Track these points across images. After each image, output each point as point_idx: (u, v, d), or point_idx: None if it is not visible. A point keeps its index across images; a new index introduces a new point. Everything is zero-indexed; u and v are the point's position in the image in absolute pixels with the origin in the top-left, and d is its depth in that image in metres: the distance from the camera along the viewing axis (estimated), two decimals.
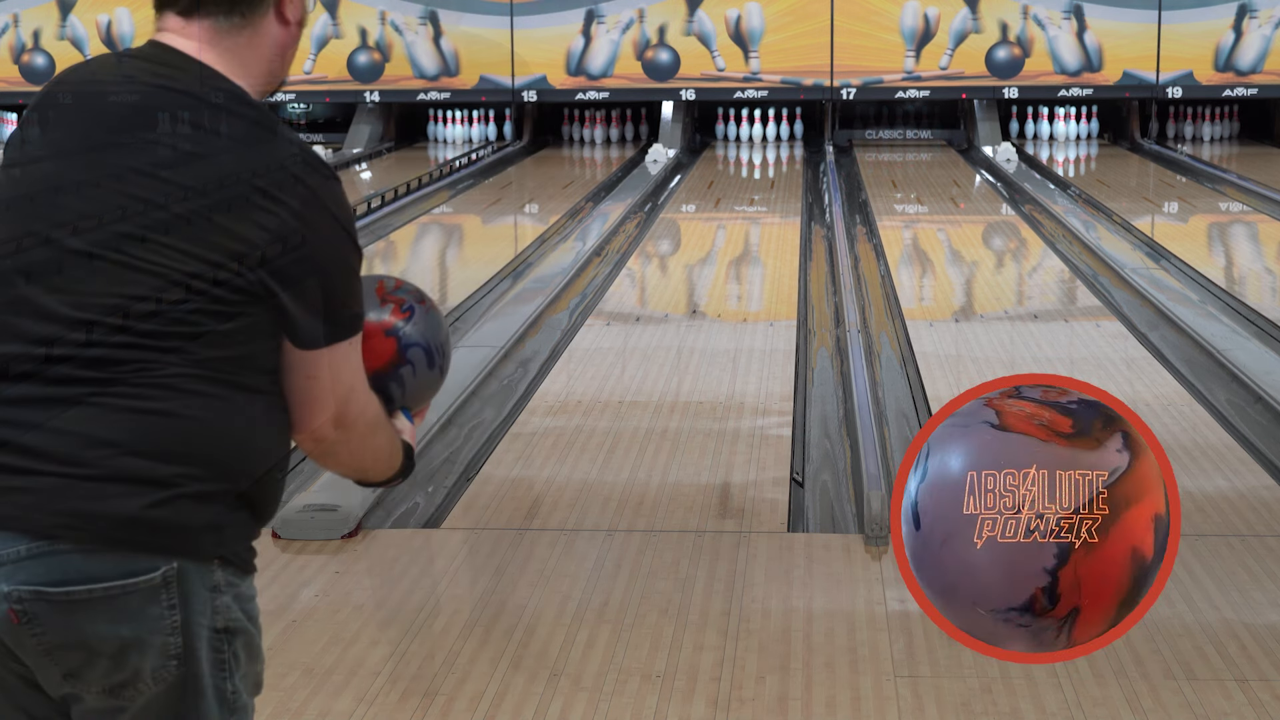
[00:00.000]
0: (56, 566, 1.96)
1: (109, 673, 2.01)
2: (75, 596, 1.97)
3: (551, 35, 17.46)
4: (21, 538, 1.97)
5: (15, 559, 1.97)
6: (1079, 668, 3.82)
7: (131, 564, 1.97)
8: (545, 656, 3.95)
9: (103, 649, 2.00)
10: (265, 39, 2.16)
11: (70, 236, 2.00)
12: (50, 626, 1.98)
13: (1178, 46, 17.37)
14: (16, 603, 1.97)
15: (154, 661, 2.01)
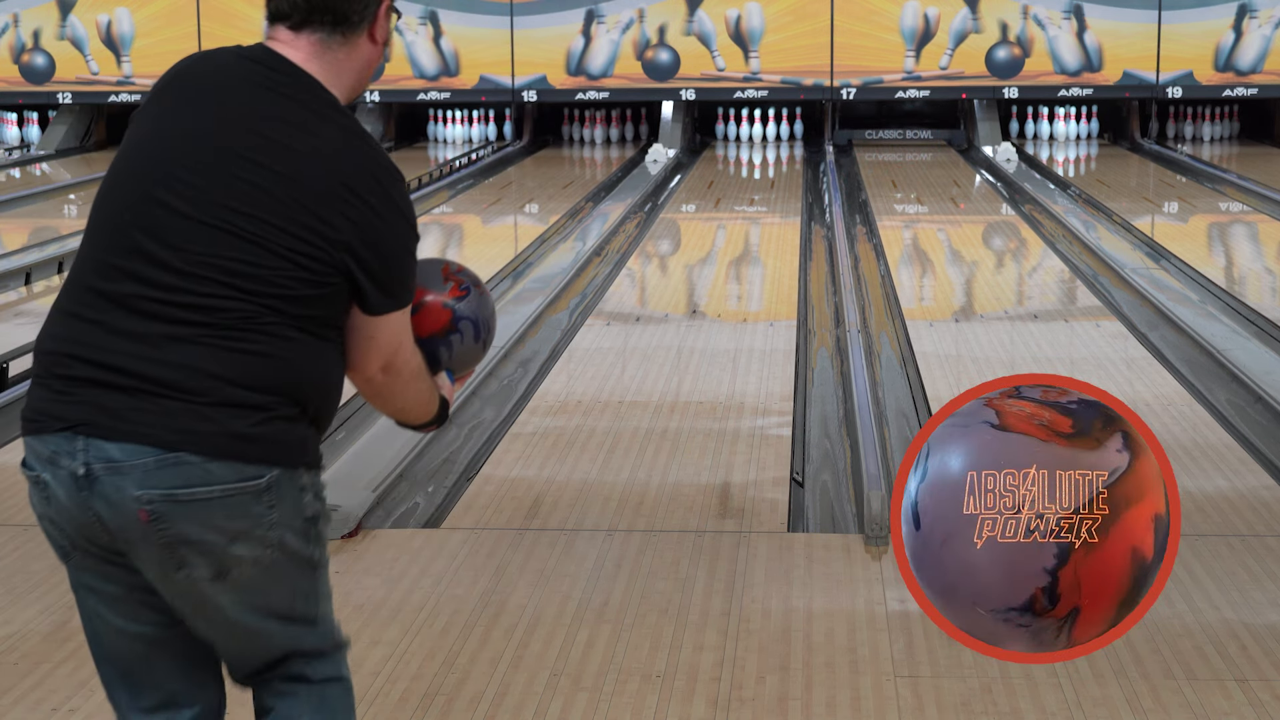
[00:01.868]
0: (181, 473, 2.39)
1: (218, 558, 2.43)
2: (198, 496, 2.40)
3: (551, 35, 17.47)
4: (151, 449, 2.39)
5: (145, 468, 2.39)
6: (1079, 668, 3.82)
7: (243, 470, 2.41)
8: (545, 656, 3.95)
9: (217, 539, 2.42)
10: (358, 55, 2.54)
11: (186, 205, 2.41)
12: (175, 522, 2.40)
13: (1178, 46, 17.37)
14: (147, 504, 2.40)
15: (255, 550, 2.45)
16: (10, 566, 4.64)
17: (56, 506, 2.48)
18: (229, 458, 2.40)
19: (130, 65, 18.03)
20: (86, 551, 2.50)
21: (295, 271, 2.41)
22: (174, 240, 2.41)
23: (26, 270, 9.81)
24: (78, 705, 3.70)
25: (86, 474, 2.42)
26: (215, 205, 2.41)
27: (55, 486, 2.46)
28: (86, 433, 2.41)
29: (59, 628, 4.16)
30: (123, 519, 2.42)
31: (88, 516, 2.45)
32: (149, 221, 2.42)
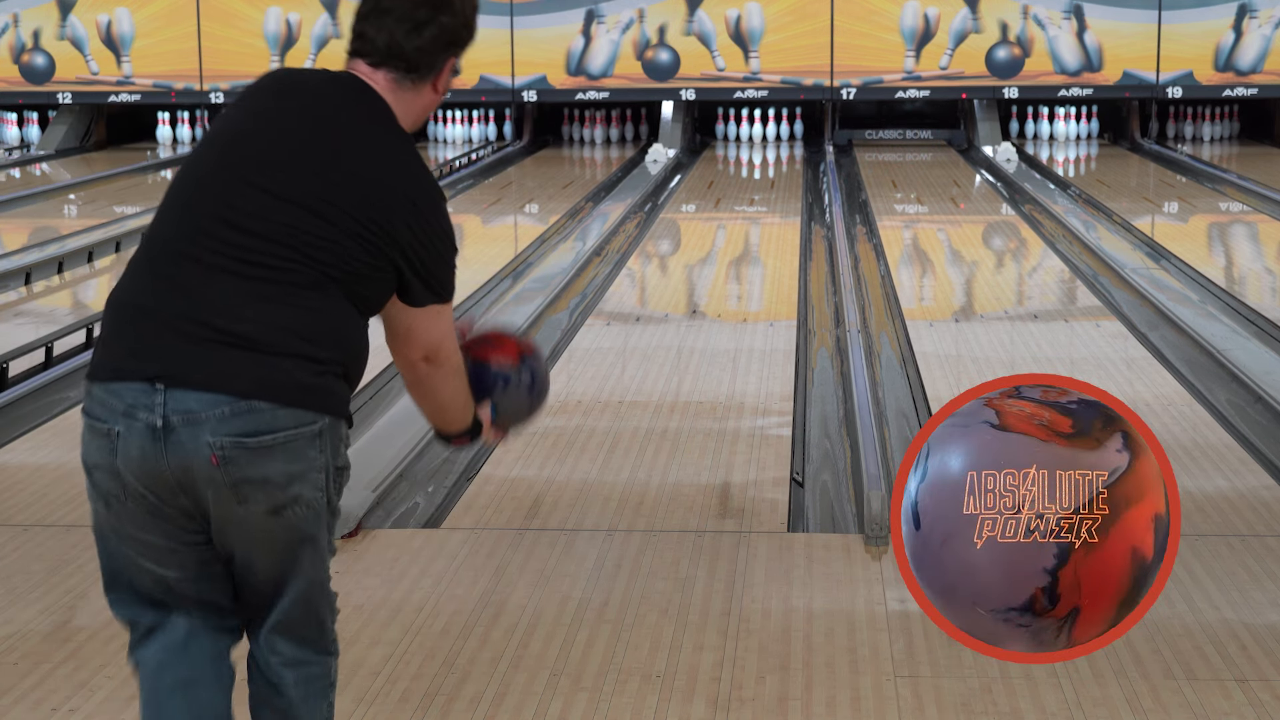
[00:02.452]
0: (252, 421, 2.67)
1: (275, 497, 2.72)
2: (265, 443, 2.68)
3: (551, 35, 17.47)
4: (227, 398, 2.66)
5: (220, 416, 2.66)
6: (1079, 668, 3.82)
7: (302, 417, 2.70)
8: (545, 656, 3.95)
9: (278, 480, 2.71)
10: (421, 100, 2.92)
11: (275, 186, 2.73)
12: (241, 466, 2.68)
13: (1178, 46, 17.37)
14: (219, 449, 2.67)
15: (309, 491, 2.75)
16: (10, 566, 4.64)
17: (124, 457, 2.69)
18: (294, 405, 2.70)
19: (130, 65, 18.03)
20: (138, 501, 2.74)
21: (359, 253, 2.74)
22: (260, 213, 2.72)
23: (26, 270, 9.81)
24: (78, 705, 3.70)
25: (165, 425, 2.67)
26: (300, 189, 2.73)
27: (129, 437, 2.68)
28: (166, 384, 2.66)
29: (59, 628, 4.16)
30: (194, 464, 2.68)
31: (159, 466, 2.69)
32: (240, 198, 2.72)
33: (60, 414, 6.47)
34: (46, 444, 6.05)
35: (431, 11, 2.87)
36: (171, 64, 17.95)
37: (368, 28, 2.86)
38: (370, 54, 2.86)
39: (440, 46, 2.90)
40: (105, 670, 3.88)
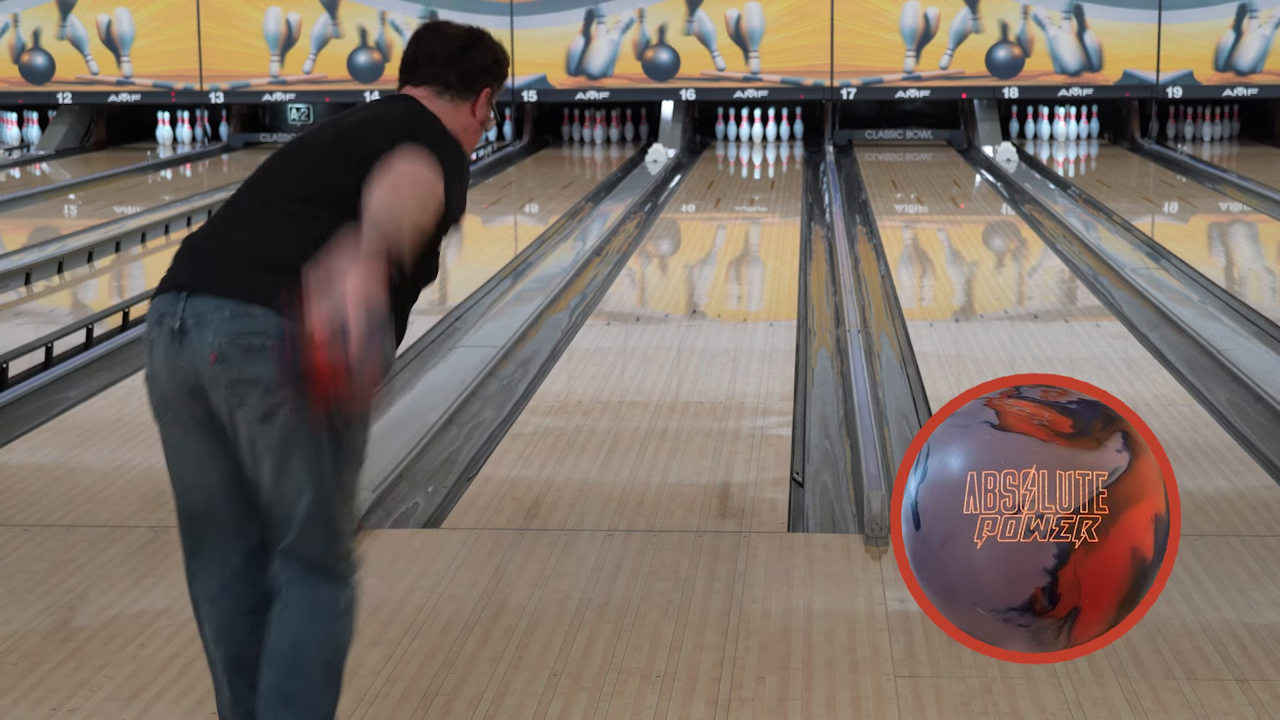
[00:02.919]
0: (248, 323, 2.97)
1: (266, 401, 2.97)
2: (255, 344, 2.97)
3: (551, 35, 17.47)
4: (230, 301, 2.99)
5: (222, 318, 2.99)
6: (1079, 668, 3.82)
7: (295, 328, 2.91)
8: (545, 656, 3.95)
9: (263, 383, 2.97)
10: (459, 117, 3.29)
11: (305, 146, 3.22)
12: (236, 365, 2.98)
13: (1178, 46, 17.37)
14: (217, 347, 2.98)
15: (295, 398, 2.93)
16: (10, 566, 4.64)
17: (156, 363, 3.07)
18: (282, 314, 2.97)
19: (130, 65, 18.03)
20: (176, 409, 3.08)
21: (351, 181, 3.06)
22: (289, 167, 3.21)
23: (26, 270, 9.81)
24: (78, 705, 3.70)
25: (180, 327, 3.03)
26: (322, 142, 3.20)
27: (157, 343, 3.06)
28: (188, 291, 3.04)
29: (59, 628, 4.17)
30: (200, 364, 3.01)
31: (177, 367, 3.04)
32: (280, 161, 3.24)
33: (60, 414, 6.47)
34: (46, 444, 6.05)
35: (467, 44, 3.32)
36: (171, 64, 17.95)
37: (416, 55, 3.35)
38: (414, 76, 3.33)
39: (475, 72, 3.30)
40: (105, 670, 3.88)
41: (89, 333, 7.66)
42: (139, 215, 12.63)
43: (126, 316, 8.11)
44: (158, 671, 3.87)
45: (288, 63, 17.90)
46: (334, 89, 17.90)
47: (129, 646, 4.02)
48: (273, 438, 2.99)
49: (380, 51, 17.79)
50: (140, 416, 6.45)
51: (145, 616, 4.23)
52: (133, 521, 5.05)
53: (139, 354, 7.53)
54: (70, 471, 5.66)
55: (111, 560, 4.67)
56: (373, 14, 17.76)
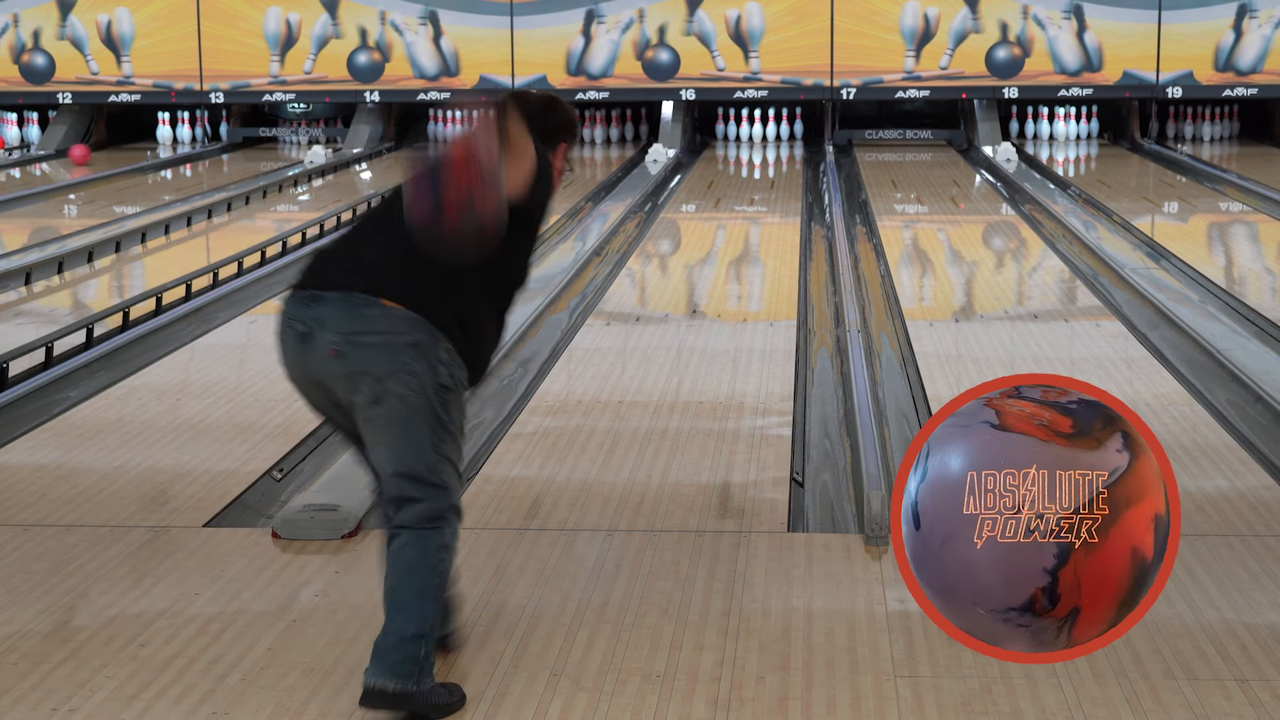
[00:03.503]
0: (361, 324, 3.56)
1: (377, 389, 3.56)
2: (369, 341, 3.56)
3: (551, 35, 17.47)
4: (346, 307, 3.57)
5: (339, 319, 3.57)
6: (1079, 668, 3.82)
7: (398, 327, 3.56)
8: (545, 656, 3.96)
9: (373, 373, 3.55)
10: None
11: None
12: (352, 359, 3.56)
13: (1178, 46, 17.37)
14: (335, 344, 3.57)
15: (401, 388, 3.56)
16: (10, 566, 4.64)
17: (287, 357, 3.68)
18: (395, 319, 3.55)
19: (130, 65, 18.03)
20: (306, 392, 3.70)
21: None
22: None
23: (26, 270, 9.81)
24: (78, 705, 3.70)
25: (307, 332, 3.61)
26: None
27: (286, 342, 3.65)
28: (311, 295, 3.63)
29: (59, 628, 4.17)
30: (321, 358, 3.59)
31: (304, 365, 3.64)
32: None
33: (60, 414, 6.47)
34: (46, 444, 6.05)
35: (550, 110, 3.87)
36: (171, 64, 17.95)
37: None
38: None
39: (554, 131, 3.85)
40: (105, 670, 3.88)
41: (89, 333, 7.66)
42: (139, 215, 12.63)
43: (126, 316, 8.11)
44: (158, 671, 3.87)
45: (288, 63, 17.90)
46: (334, 89, 17.90)
47: (129, 646, 4.02)
48: (383, 417, 3.57)
49: (380, 51, 17.79)
50: (140, 416, 6.45)
51: (145, 616, 4.23)
52: (133, 521, 5.05)
53: (139, 354, 7.56)
54: (70, 471, 5.66)
55: (111, 560, 4.67)
56: (373, 14, 17.76)
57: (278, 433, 6.16)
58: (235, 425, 6.29)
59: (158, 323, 8.15)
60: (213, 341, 8.00)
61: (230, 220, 12.75)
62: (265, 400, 6.68)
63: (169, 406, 6.60)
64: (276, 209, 13.48)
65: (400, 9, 17.71)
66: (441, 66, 17.68)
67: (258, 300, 9.08)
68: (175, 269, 9.83)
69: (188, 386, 7.03)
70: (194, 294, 8.94)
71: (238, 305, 8.87)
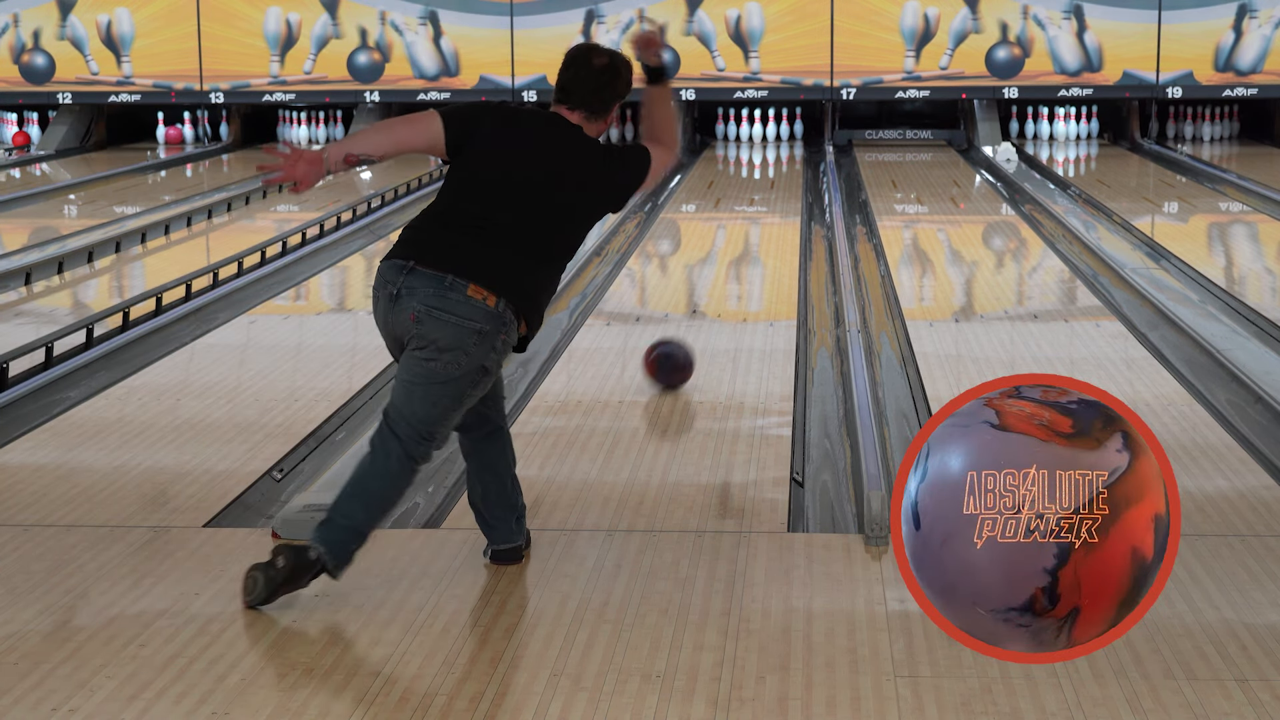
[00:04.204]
0: (443, 301, 4.21)
1: (430, 352, 4.23)
2: (442, 318, 4.20)
3: (551, 35, 17.47)
4: (434, 283, 4.22)
5: (425, 292, 4.21)
6: (1079, 668, 3.82)
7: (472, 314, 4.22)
8: (545, 656, 3.96)
9: (438, 343, 4.22)
10: (598, 128, 4.49)
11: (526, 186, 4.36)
12: (426, 326, 4.22)
13: (1178, 46, 17.37)
14: (416, 312, 4.21)
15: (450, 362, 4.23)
16: (10, 566, 4.64)
17: (379, 315, 4.29)
18: (472, 305, 4.20)
19: (130, 65, 18.03)
20: (389, 345, 4.34)
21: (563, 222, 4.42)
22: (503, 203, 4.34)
23: (26, 270, 9.81)
24: (78, 705, 3.70)
25: (397, 294, 4.23)
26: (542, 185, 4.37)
27: (381, 301, 4.26)
28: (410, 267, 4.24)
29: (59, 628, 4.17)
30: (403, 319, 4.23)
31: (390, 319, 4.26)
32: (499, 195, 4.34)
33: (60, 414, 6.47)
34: (46, 444, 6.05)
35: (610, 79, 4.47)
36: (171, 64, 17.96)
37: (569, 85, 4.44)
38: (570, 103, 4.44)
39: (611, 99, 4.49)
40: (105, 670, 3.88)
41: (89, 333, 7.66)
42: (139, 215, 12.63)
43: (126, 316, 8.11)
44: (158, 671, 3.87)
45: (288, 63, 17.90)
46: (334, 89, 17.90)
47: (129, 646, 4.02)
48: (426, 373, 4.24)
49: (380, 51, 17.79)
50: (140, 416, 6.45)
51: (145, 616, 4.23)
52: (133, 521, 5.05)
53: (139, 354, 7.56)
54: (70, 471, 5.66)
55: (111, 560, 4.67)
56: (373, 14, 17.76)
57: (278, 433, 6.16)
58: (235, 425, 6.29)
59: (158, 323, 8.15)
60: (213, 341, 8.00)
61: (230, 220, 12.75)
62: (265, 400, 6.69)
63: (169, 406, 6.60)
64: (276, 209, 13.48)
65: (400, 9, 17.71)
66: (441, 66, 17.68)
67: (258, 300, 9.08)
68: (175, 269, 9.83)
69: (188, 386, 7.03)
70: (194, 294, 8.94)
71: (238, 305, 8.87)
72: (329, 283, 10.03)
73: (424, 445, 4.31)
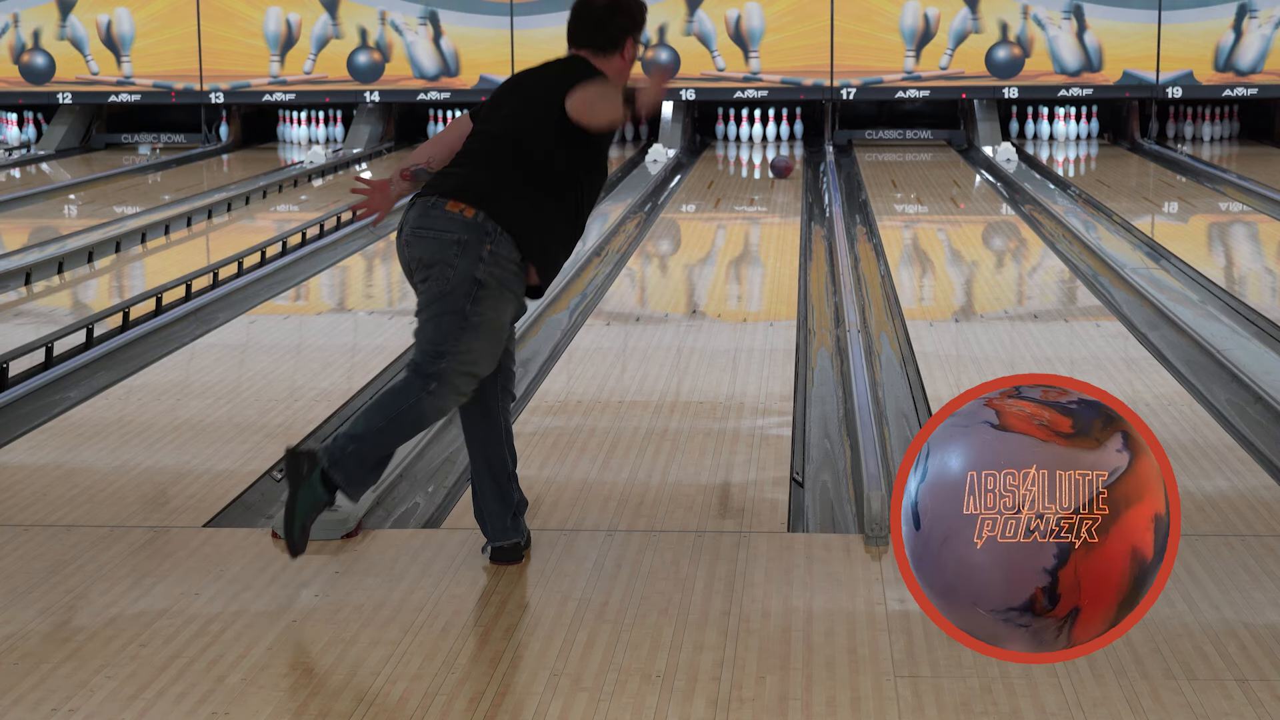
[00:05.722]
0: (425, 220, 4.38)
1: (423, 273, 4.40)
2: (421, 235, 4.39)
3: (551, 35, 17.46)
4: (421, 204, 4.42)
5: (415, 216, 4.41)
6: (1079, 668, 3.82)
7: (449, 227, 4.37)
8: (545, 656, 3.96)
9: (424, 260, 4.38)
10: (612, 65, 4.52)
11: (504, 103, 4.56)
12: (414, 248, 4.40)
13: (1178, 46, 17.37)
14: (406, 237, 4.41)
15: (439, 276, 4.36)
16: (10, 566, 4.65)
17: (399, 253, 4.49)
18: (450, 217, 4.35)
19: (130, 65, 18.03)
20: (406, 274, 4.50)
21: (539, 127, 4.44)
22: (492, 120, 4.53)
23: (26, 270, 9.81)
24: (78, 705, 3.70)
25: (399, 230, 4.44)
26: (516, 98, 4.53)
27: (398, 242, 4.47)
28: (410, 203, 4.47)
29: (59, 628, 4.17)
30: (400, 247, 4.45)
31: (401, 258, 4.47)
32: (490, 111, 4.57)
33: (60, 414, 6.47)
34: (46, 444, 6.05)
35: (609, 14, 4.50)
36: (171, 64, 17.96)
37: (571, 26, 4.53)
38: (575, 43, 4.52)
39: (618, 32, 4.49)
40: (105, 670, 3.89)
41: (89, 333, 7.66)
42: (139, 215, 12.63)
43: (126, 316, 8.11)
44: (158, 671, 3.87)
45: (288, 63, 17.90)
46: (334, 89, 17.90)
47: (129, 646, 4.03)
48: (424, 295, 4.39)
49: (380, 51, 17.79)
50: (140, 416, 6.45)
51: (145, 616, 4.23)
52: (133, 521, 5.05)
53: (139, 354, 7.56)
54: (70, 471, 5.66)
55: (111, 560, 4.68)
56: (373, 14, 17.76)
57: (278, 433, 6.16)
58: (235, 425, 6.29)
59: (158, 323, 8.15)
60: (213, 341, 8.00)
61: (230, 220, 12.75)
62: (265, 400, 6.69)
63: (169, 406, 6.60)
64: (276, 209, 13.48)
65: (400, 9, 17.71)
66: (441, 66, 17.68)
67: (258, 300, 9.08)
68: (175, 269, 9.83)
69: (188, 386, 7.03)
70: (194, 294, 8.94)
71: (238, 305, 8.87)
72: (329, 283, 10.03)
73: (435, 362, 4.37)
